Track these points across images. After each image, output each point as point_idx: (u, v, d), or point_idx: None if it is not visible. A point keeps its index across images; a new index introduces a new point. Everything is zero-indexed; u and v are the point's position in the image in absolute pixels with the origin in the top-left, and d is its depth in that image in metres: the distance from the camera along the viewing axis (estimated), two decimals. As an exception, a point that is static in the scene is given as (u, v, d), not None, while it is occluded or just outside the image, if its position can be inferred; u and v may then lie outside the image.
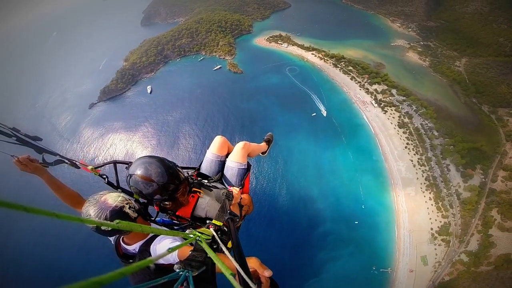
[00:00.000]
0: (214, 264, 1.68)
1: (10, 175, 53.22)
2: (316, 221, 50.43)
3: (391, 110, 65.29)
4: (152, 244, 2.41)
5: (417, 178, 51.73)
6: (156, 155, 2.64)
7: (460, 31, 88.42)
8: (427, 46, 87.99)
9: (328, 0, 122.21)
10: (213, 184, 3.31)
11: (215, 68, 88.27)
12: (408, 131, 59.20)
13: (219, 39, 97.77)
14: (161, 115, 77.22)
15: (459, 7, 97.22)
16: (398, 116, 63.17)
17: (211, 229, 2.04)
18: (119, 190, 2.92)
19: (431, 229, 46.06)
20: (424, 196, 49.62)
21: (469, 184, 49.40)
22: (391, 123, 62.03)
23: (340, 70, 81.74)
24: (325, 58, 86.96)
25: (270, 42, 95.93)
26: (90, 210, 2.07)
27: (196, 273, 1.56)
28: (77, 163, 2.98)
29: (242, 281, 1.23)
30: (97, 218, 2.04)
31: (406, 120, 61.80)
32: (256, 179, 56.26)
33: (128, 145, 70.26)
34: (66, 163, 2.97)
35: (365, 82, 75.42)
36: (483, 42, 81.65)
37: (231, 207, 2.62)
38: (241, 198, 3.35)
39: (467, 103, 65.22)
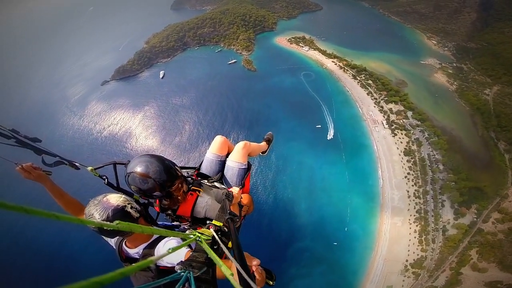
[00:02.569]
0: (214, 264, 1.75)
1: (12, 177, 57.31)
2: (296, 236, 51.30)
3: (401, 133, 63.87)
4: (157, 247, 2.48)
5: (408, 209, 51.43)
6: (154, 154, 2.78)
7: (501, 56, 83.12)
8: (459, 69, 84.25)
9: (364, 8, 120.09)
10: (213, 184, 3.40)
11: (229, 62, 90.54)
12: (412, 160, 57.84)
13: (240, 32, 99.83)
14: (169, 100, 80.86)
15: (509, 30, 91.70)
16: (407, 142, 61.75)
17: (211, 230, 2.14)
18: (120, 193, 2.96)
19: (406, 260, 46.67)
20: (410, 228, 49.76)
21: (459, 222, 49.46)
22: (397, 148, 60.84)
23: (358, 82, 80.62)
24: (345, 68, 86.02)
25: (291, 43, 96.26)
26: (92, 210, 2.17)
27: (197, 274, 1.63)
28: (76, 164, 3.06)
29: (242, 281, 1.27)
30: (99, 217, 2.14)
31: (414, 147, 60.33)
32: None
33: (133, 126, 74.47)
34: (66, 164, 3.03)
35: (382, 99, 73.97)
36: (523, 71, 76.88)
37: (231, 207, 2.72)
38: (241, 198, 3.48)
39: (483, 137, 62.33)
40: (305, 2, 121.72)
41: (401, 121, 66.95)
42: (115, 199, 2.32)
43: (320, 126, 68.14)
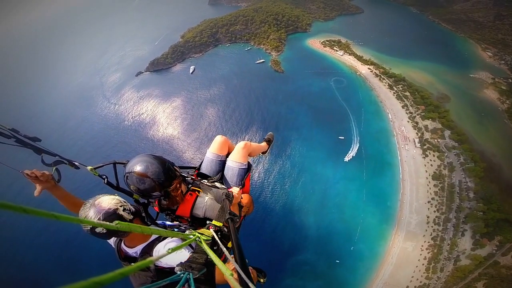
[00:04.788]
0: (214, 265, 1.83)
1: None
2: (299, 247, 51.19)
3: (433, 155, 59.94)
4: (156, 247, 2.53)
5: (424, 235, 49.15)
6: (153, 154, 2.83)
7: None
8: (515, 85, 76.22)
9: (412, 14, 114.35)
10: (213, 184, 3.43)
11: (257, 62, 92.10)
12: (440, 185, 54.17)
13: (271, 32, 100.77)
14: (197, 95, 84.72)
15: None
16: (438, 165, 57.86)
17: (211, 230, 2.23)
18: (116, 194, 2.90)
19: (407, 286, 45.30)
20: (420, 255, 47.83)
21: (476, 252, 46.84)
22: (426, 171, 57.25)
23: (394, 93, 77.05)
24: (382, 76, 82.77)
25: (324, 46, 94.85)
26: (83, 214, 2.20)
27: (197, 275, 1.71)
28: (76, 163, 3.09)
29: (241, 282, 1.33)
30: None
31: (445, 172, 56.36)
32: (259, 186, 58.79)
33: (162, 117, 79.49)
34: (65, 163, 3.05)
35: (417, 114, 70.04)
36: None
37: (230, 207, 2.78)
38: (241, 198, 3.54)
39: (528, 168, 56.22)
40: (345, 4, 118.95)
41: (436, 140, 62.95)
42: (107, 202, 2.30)
43: (343, 137, 66.22)
